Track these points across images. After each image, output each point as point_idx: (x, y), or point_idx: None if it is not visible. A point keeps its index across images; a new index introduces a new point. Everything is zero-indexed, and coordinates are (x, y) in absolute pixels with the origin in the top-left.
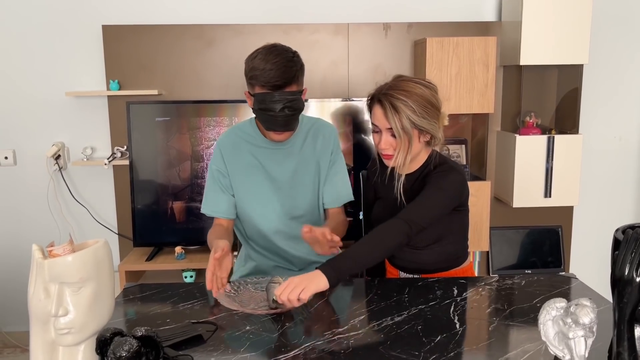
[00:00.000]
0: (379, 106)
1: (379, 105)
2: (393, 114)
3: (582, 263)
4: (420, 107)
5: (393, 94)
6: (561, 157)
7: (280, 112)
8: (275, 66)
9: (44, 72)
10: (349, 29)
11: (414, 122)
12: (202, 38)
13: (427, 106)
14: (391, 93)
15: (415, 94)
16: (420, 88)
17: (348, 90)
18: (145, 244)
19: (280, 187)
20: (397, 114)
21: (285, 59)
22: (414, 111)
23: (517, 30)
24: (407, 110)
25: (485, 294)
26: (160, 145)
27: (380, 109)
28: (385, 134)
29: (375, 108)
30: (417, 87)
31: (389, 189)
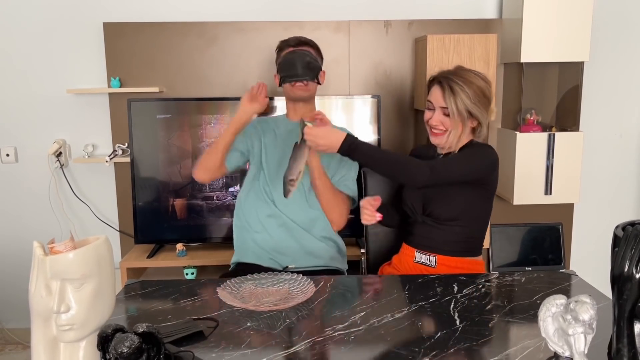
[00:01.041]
0: (438, 87)
1: (439, 86)
2: (450, 95)
3: (583, 260)
4: (475, 96)
5: (453, 79)
6: (562, 154)
7: (298, 60)
8: (297, 36)
9: (45, 69)
10: (349, 27)
11: (467, 106)
12: (204, 35)
13: (481, 96)
14: (452, 78)
15: (473, 83)
16: (478, 79)
17: (349, 87)
18: (146, 241)
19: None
20: (453, 96)
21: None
22: (469, 97)
23: (517, 27)
24: (462, 95)
25: (485, 291)
26: (162, 143)
27: (439, 89)
28: (438, 112)
29: (434, 88)
30: (475, 78)
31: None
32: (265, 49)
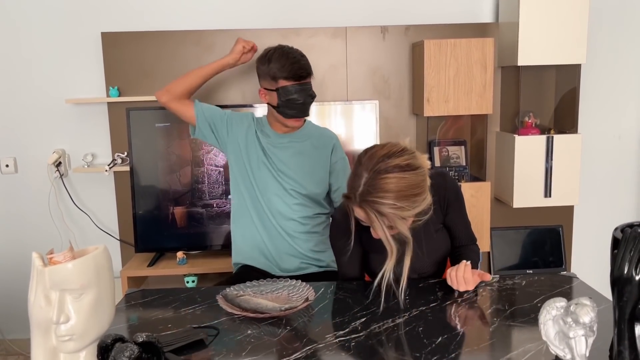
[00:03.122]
0: (361, 211)
1: (362, 210)
2: (380, 218)
3: (584, 262)
4: (406, 200)
5: (375, 200)
6: (560, 156)
7: (305, 100)
8: (295, 61)
9: (43, 79)
10: (347, 33)
11: (405, 216)
12: (201, 43)
13: (414, 192)
14: (372, 199)
15: (398, 190)
16: (400, 179)
17: (347, 93)
18: (146, 249)
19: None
20: (384, 217)
21: (299, 54)
22: (403, 208)
23: (514, 31)
24: (397, 212)
25: (486, 295)
26: (161, 151)
27: (363, 213)
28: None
29: (357, 209)
30: (396, 180)
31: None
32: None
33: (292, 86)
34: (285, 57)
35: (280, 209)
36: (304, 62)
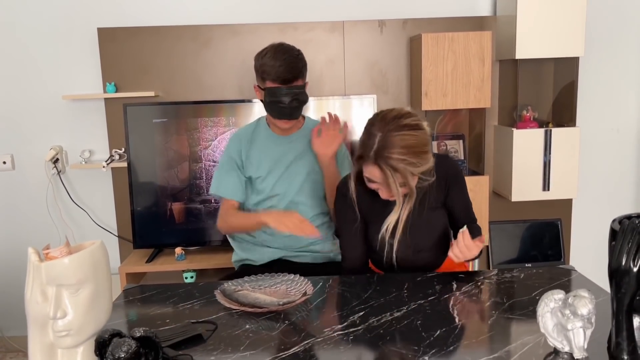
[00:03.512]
0: (376, 167)
1: (376, 167)
2: (394, 174)
3: (583, 255)
4: (416, 156)
5: (390, 155)
6: (559, 150)
7: (289, 103)
8: (284, 63)
9: (40, 76)
10: (344, 27)
11: (415, 172)
12: (199, 38)
13: (422, 150)
14: (387, 155)
15: (410, 146)
16: (411, 136)
17: (345, 87)
18: (145, 245)
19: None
20: (398, 173)
21: (292, 56)
22: (414, 164)
23: (512, 24)
24: (408, 167)
25: (484, 288)
26: (158, 147)
27: (377, 170)
28: (384, 187)
29: (371, 167)
30: (408, 137)
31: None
32: None
33: (277, 89)
34: (276, 58)
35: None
36: (295, 64)
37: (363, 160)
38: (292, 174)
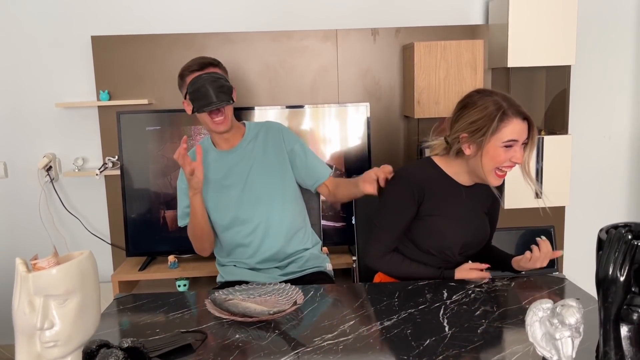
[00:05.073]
0: (520, 120)
1: (523, 119)
2: (533, 126)
3: (576, 263)
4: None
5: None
6: (551, 157)
7: (211, 85)
8: (197, 57)
9: (33, 83)
10: (337, 35)
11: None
12: (193, 47)
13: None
14: (523, 109)
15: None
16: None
17: (338, 95)
18: (138, 253)
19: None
20: (534, 126)
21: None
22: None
23: (504, 32)
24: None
25: (474, 297)
26: (152, 155)
27: (522, 122)
28: (519, 148)
29: (515, 122)
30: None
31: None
32: (254, 59)
33: (197, 77)
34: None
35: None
36: (208, 57)
37: (510, 118)
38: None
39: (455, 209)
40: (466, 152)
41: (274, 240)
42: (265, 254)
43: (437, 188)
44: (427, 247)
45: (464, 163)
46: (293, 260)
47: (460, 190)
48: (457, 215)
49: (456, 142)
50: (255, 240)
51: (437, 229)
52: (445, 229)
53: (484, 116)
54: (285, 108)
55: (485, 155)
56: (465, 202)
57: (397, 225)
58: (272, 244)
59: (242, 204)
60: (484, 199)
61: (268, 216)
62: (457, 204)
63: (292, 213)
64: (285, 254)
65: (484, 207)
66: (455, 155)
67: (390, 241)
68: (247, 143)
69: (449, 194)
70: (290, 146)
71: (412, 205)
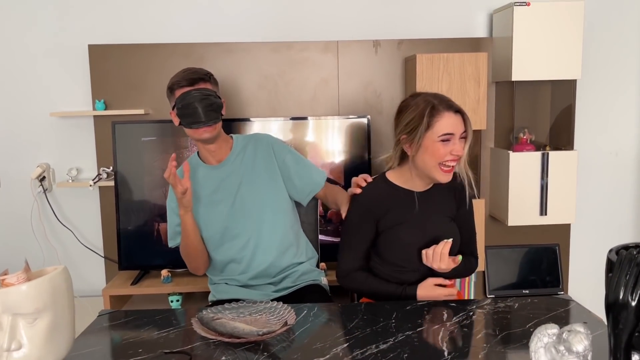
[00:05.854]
0: (451, 113)
1: (457, 113)
2: (467, 119)
3: (581, 282)
4: None
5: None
6: (556, 173)
7: (200, 103)
8: (187, 70)
9: (28, 92)
10: (338, 47)
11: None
12: (191, 57)
13: None
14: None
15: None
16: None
17: (338, 107)
18: (130, 267)
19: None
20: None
21: (197, 67)
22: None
23: (508, 45)
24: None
25: (476, 319)
26: (147, 166)
27: (454, 115)
28: (458, 141)
29: (446, 116)
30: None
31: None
32: (254, 70)
33: (185, 93)
34: (180, 71)
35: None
36: (199, 70)
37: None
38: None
39: (410, 216)
40: (408, 152)
41: (266, 254)
42: (257, 269)
43: (390, 201)
44: (392, 259)
45: (412, 167)
46: (287, 275)
47: (413, 197)
48: (412, 222)
49: (397, 146)
50: (247, 255)
51: (396, 239)
52: (403, 237)
53: (416, 114)
54: (284, 120)
55: (424, 151)
56: (420, 208)
57: (356, 245)
58: (264, 259)
59: (232, 218)
60: (445, 203)
61: (259, 230)
62: (411, 211)
63: (284, 226)
64: (278, 268)
65: (446, 211)
66: (402, 160)
67: (353, 260)
68: (235, 157)
69: (403, 204)
70: (282, 158)
71: (368, 224)
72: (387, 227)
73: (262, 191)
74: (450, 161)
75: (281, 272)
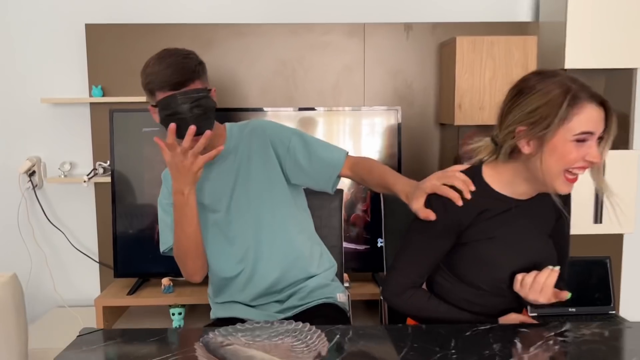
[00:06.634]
0: (595, 105)
1: (599, 104)
2: (613, 114)
3: (634, 301)
4: None
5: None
6: (613, 176)
7: (190, 112)
8: (171, 64)
9: (16, 75)
10: (365, 30)
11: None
12: (199, 39)
13: None
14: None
15: None
16: None
17: (364, 98)
18: (128, 274)
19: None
20: (614, 115)
21: (180, 56)
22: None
23: (559, 30)
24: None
25: (558, 349)
26: (148, 160)
27: (598, 109)
28: (594, 143)
29: (589, 108)
30: None
31: (505, 225)
32: (269, 55)
33: (170, 97)
34: (160, 62)
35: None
36: (184, 64)
37: (582, 102)
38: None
39: (507, 230)
40: (524, 150)
41: (268, 267)
42: (258, 286)
43: (482, 208)
44: (472, 278)
45: (520, 167)
46: (294, 292)
47: (512, 206)
48: (510, 238)
49: (509, 139)
50: (246, 270)
51: (483, 256)
52: (492, 255)
53: (547, 101)
54: (302, 111)
55: (551, 153)
56: (519, 221)
57: (424, 259)
58: (267, 273)
59: (228, 227)
60: (545, 216)
61: (258, 238)
62: (509, 223)
63: (290, 232)
64: (284, 283)
65: (545, 226)
66: (508, 157)
67: (415, 275)
68: (229, 153)
69: (499, 212)
70: (285, 145)
71: (447, 237)
72: (473, 240)
73: (260, 191)
74: (579, 168)
75: (287, 287)
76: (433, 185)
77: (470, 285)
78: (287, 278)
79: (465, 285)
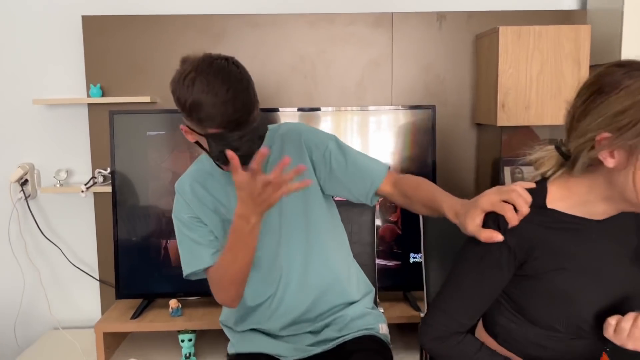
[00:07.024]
0: None
1: None
2: None
3: None
4: None
5: None
6: None
7: (247, 149)
8: (231, 97)
9: (5, 74)
10: (393, 20)
11: None
12: (208, 31)
13: None
14: None
15: None
16: None
17: (392, 95)
18: (131, 295)
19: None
20: None
21: (236, 80)
22: None
23: (614, 19)
24: None
25: None
26: (153, 167)
27: None
28: None
29: None
30: None
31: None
32: (286, 48)
33: (227, 134)
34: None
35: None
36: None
37: None
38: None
39: (585, 257)
40: (607, 163)
41: (301, 293)
42: (289, 314)
43: (549, 234)
44: (544, 318)
45: (599, 183)
46: (331, 322)
47: (590, 229)
48: (581, 267)
49: (587, 149)
50: (276, 294)
51: (555, 291)
52: (568, 289)
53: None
54: (323, 111)
55: None
56: (599, 246)
57: (474, 295)
58: (299, 300)
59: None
60: (627, 236)
61: (290, 260)
62: (586, 249)
63: (326, 249)
64: (319, 310)
65: (628, 249)
66: (584, 171)
67: (464, 316)
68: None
69: (570, 239)
70: (321, 150)
71: (503, 268)
72: (540, 273)
73: (293, 202)
74: None
75: (323, 315)
76: (493, 201)
77: (542, 327)
78: (323, 304)
79: (535, 327)
